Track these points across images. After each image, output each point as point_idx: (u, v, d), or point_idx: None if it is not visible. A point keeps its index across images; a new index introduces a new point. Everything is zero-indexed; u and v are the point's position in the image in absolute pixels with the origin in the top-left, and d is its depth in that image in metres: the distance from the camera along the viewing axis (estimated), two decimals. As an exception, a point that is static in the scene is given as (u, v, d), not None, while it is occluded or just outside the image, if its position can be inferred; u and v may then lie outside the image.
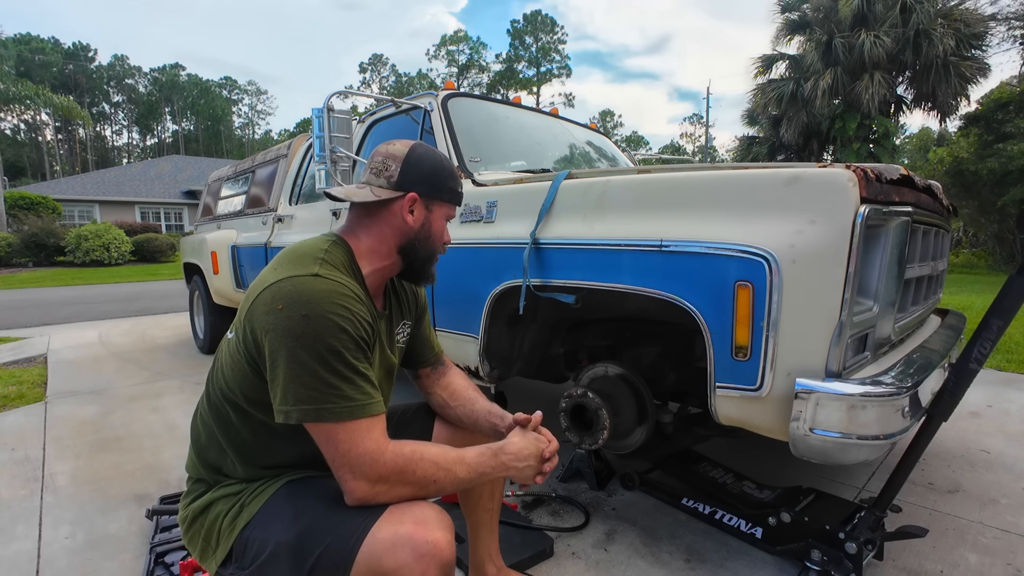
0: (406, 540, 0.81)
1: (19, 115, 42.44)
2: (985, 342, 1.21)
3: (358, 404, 0.86)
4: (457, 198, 1.13)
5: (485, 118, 2.60)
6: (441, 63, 50.53)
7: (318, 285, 0.88)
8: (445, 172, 1.10)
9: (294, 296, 0.86)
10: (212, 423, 1.00)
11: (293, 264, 0.93)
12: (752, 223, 1.22)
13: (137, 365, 4.04)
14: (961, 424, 2.63)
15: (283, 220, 3.42)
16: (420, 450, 0.90)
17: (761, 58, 15.04)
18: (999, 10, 12.89)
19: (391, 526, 0.83)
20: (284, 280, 0.89)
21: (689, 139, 57.44)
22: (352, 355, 0.87)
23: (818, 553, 1.35)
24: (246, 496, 0.95)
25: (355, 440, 0.85)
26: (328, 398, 0.84)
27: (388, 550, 0.80)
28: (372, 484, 0.85)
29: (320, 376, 0.84)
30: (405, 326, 1.21)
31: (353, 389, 0.86)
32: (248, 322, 0.90)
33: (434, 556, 0.81)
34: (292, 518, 0.88)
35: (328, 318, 0.85)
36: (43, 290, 10.12)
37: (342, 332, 0.86)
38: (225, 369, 0.97)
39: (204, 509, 0.98)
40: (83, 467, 2.22)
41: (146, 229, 19.21)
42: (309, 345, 0.83)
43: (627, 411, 1.64)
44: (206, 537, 0.96)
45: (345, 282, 0.93)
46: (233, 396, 0.95)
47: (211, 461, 1.01)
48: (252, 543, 0.89)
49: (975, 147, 12.87)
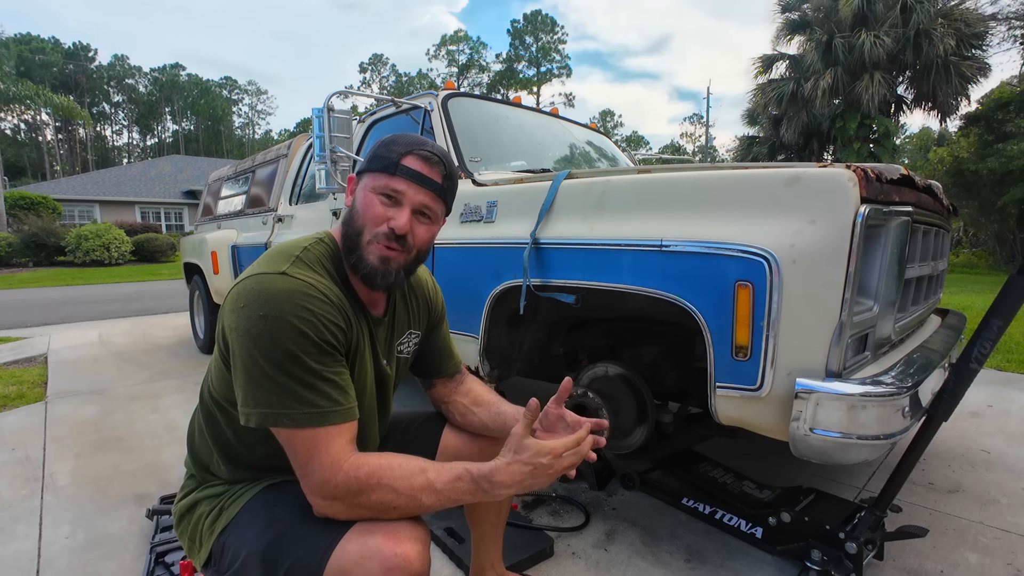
0: (375, 553, 0.77)
1: (19, 115, 42.49)
2: (985, 342, 1.21)
3: (319, 411, 0.81)
4: (378, 162, 0.93)
5: (485, 118, 2.60)
6: (441, 63, 50.59)
7: (280, 284, 0.83)
8: (380, 142, 0.96)
9: (255, 295, 0.82)
10: (202, 421, 1.00)
11: (267, 261, 0.88)
12: (752, 223, 1.22)
13: (137, 365, 4.04)
14: (961, 424, 2.62)
15: (283, 220, 3.43)
16: (379, 473, 0.81)
17: (761, 58, 15.03)
18: (999, 10, 12.91)
19: (360, 538, 0.79)
20: (250, 277, 0.85)
21: (689, 139, 57.49)
22: (314, 360, 0.82)
23: (818, 553, 1.35)
24: (226, 500, 0.94)
25: (312, 451, 0.80)
26: (286, 403, 0.80)
27: (356, 563, 0.77)
28: (326, 500, 0.81)
29: (277, 380, 0.80)
30: (412, 336, 1.14)
31: (315, 394, 0.81)
32: (220, 319, 0.87)
33: (403, 569, 0.76)
34: (264, 527, 0.86)
35: (286, 320, 0.80)
36: (43, 290, 10.11)
37: (300, 336, 0.80)
38: (213, 368, 0.96)
39: (190, 508, 0.98)
40: (83, 467, 2.22)
41: (146, 229, 19.20)
42: (265, 348, 0.79)
43: (627, 411, 1.64)
44: (191, 536, 0.96)
45: (314, 281, 0.86)
46: (216, 395, 0.95)
47: (200, 459, 1.01)
48: (228, 549, 0.88)
49: (975, 147, 12.86)
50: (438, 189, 0.96)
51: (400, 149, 0.93)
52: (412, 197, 0.93)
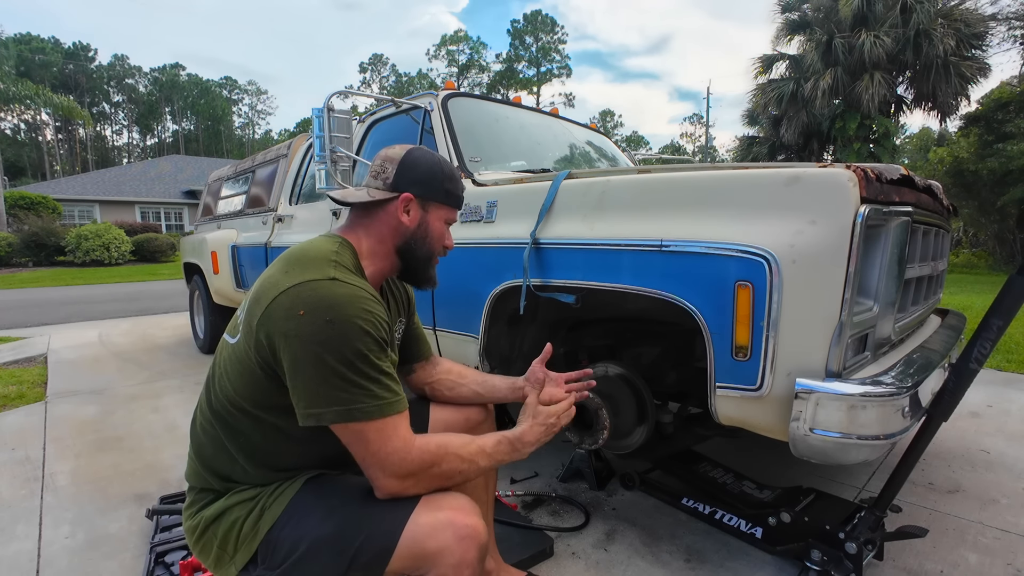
0: (447, 524, 0.86)
1: (19, 115, 42.51)
2: (985, 342, 1.21)
3: (386, 402, 0.89)
4: (454, 200, 1.14)
5: (485, 118, 2.60)
6: (441, 63, 50.59)
7: (337, 290, 0.89)
8: (442, 174, 1.11)
9: (315, 301, 0.87)
10: (217, 431, 0.98)
11: (306, 268, 0.92)
12: (752, 223, 1.22)
13: (137, 365, 4.04)
14: (961, 424, 2.63)
15: (283, 220, 3.42)
16: (445, 444, 0.94)
17: (761, 58, 15.04)
18: (999, 10, 12.90)
19: (431, 512, 0.88)
20: (302, 285, 0.89)
21: (689, 139, 57.50)
22: (376, 356, 0.89)
23: (818, 553, 1.35)
24: (265, 499, 0.94)
25: (384, 438, 0.88)
26: (357, 399, 0.87)
27: (430, 534, 0.85)
28: (401, 480, 0.89)
29: (349, 379, 0.86)
30: (400, 324, 1.23)
31: (381, 388, 0.89)
32: (262, 327, 0.89)
33: (474, 538, 0.86)
34: (325, 514, 0.90)
35: (353, 322, 0.87)
36: (43, 290, 10.11)
37: (366, 335, 0.88)
38: (231, 375, 0.95)
39: (217, 517, 0.96)
40: (83, 467, 2.23)
41: (146, 229, 19.20)
42: (335, 349, 0.85)
43: (627, 411, 1.64)
44: (222, 544, 0.94)
45: (361, 285, 0.95)
46: (242, 402, 0.94)
47: (219, 470, 0.99)
48: (282, 542, 0.90)
49: (975, 147, 12.86)
50: None
51: (456, 186, 1.13)
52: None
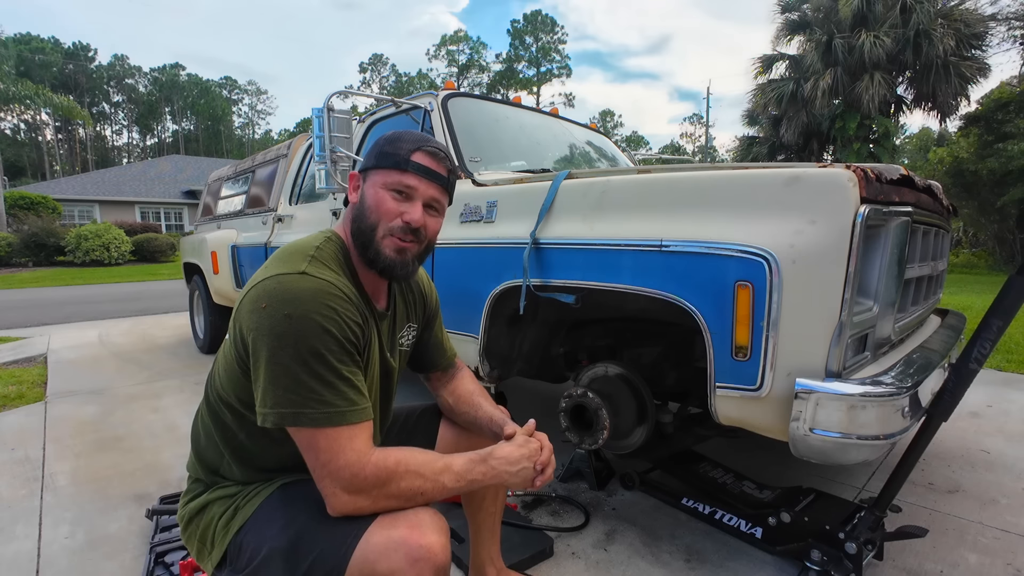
0: (400, 544, 0.79)
1: (19, 115, 42.50)
2: (985, 342, 1.21)
3: (338, 411, 0.82)
4: (386, 159, 0.97)
5: (485, 118, 2.60)
6: (441, 63, 50.59)
7: (303, 283, 0.84)
8: (383, 140, 1.00)
9: (278, 294, 0.83)
10: (211, 424, 0.99)
11: (283, 261, 0.90)
12: (752, 223, 1.22)
13: (137, 365, 4.04)
14: (961, 424, 2.62)
15: (283, 220, 3.43)
16: (405, 460, 0.85)
17: (761, 58, 15.04)
18: (999, 10, 12.90)
19: (384, 530, 0.81)
20: (270, 278, 0.86)
21: (689, 139, 57.51)
22: (336, 358, 0.84)
23: (818, 553, 1.35)
24: (240, 499, 0.94)
25: (335, 449, 0.81)
26: (307, 403, 0.81)
27: (382, 554, 0.79)
28: (352, 496, 0.82)
29: (300, 379, 0.81)
30: (410, 329, 1.17)
31: (334, 394, 0.83)
32: (236, 322, 0.88)
33: (428, 560, 0.79)
34: (285, 523, 0.87)
35: (311, 318, 0.82)
36: (43, 290, 10.11)
37: (326, 334, 0.83)
38: (220, 371, 0.96)
39: (200, 510, 0.97)
40: (83, 467, 2.22)
41: (146, 229, 19.19)
42: (290, 346, 0.80)
43: (627, 411, 1.64)
44: (201, 538, 0.96)
45: (334, 280, 0.89)
46: (228, 398, 0.94)
47: (209, 462, 1.00)
48: (246, 547, 0.88)
49: (975, 147, 12.86)
50: (445, 182, 1.01)
51: (408, 146, 0.97)
52: (424, 191, 0.98)
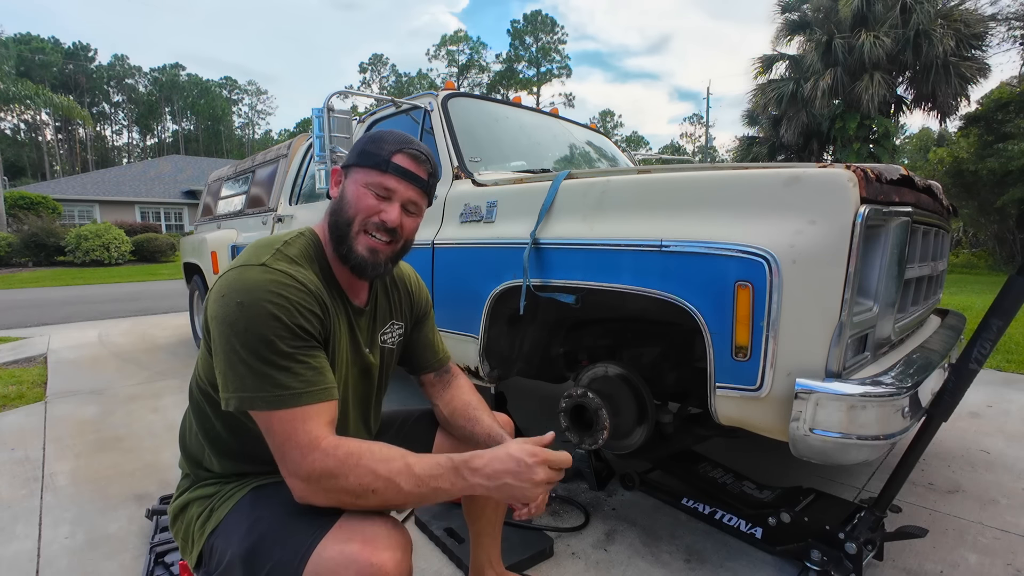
0: (351, 561, 0.76)
1: (19, 115, 42.46)
2: (985, 342, 1.21)
3: (292, 392, 0.82)
4: (367, 159, 0.97)
5: (485, 118, 2.60)
6: (441, 63, 50.61)
7: (258, 275, 0.86)
8: (366, 139, 1.00)
9: (235, 285, 0.85)
10: (193, 417, 1.01)
11: (249, 254, 0.92)
12: (752, 223, 1.22)
13: (137, 365, 4.04)
14: (961, 424, 2.62)
15: (283, 220, 3.42)
16: (359, 453, 0.81)
17: (761, 58, 15.05)
18: (999, 10, 12.90)
19: (338, 544, 0.78)
20: (233, 269, 0.88)
21: (689, 139, 57.55)
22: (287, 344, 0.84)
23: (818, 553, 1.35)
24: (216, 501, 0.95)
25: (289, 431, 0.81)
26: (262, 386, 0.82)
27: (332, 571, 0.76)
28: (304, 482, 0.81)
29: (251, 364, 0.82)
30: (395, 327, 1.17)
31: (289, 377, 0.83)
32: (204, 311, 0.91)
33: None
34: (247, 530, 0.86)
35: (261, 306, 0.83)
36: (43, 290, 10.11)
37: (274, 320, 0.83)
38: (200, 360, 0.97)
39: (183, 508, 0.99)
40: (83, 467, 2.22)
41: (146, 229, 19.19)
42: (241, 333, 0.82)
43: (627, 411, 1.64)
44: (184, 536, 0.97)
45: (294, 272, 0.90)
46: (204, 386, 0.96)
47: (192, 455, 1.02)
48: (216, 551, 0.89)
49: (975, 147, 12.86)
50: (424, 185, 1.02)
51: (390, 148, 0.98)
52: (403, 193, 0.99)
